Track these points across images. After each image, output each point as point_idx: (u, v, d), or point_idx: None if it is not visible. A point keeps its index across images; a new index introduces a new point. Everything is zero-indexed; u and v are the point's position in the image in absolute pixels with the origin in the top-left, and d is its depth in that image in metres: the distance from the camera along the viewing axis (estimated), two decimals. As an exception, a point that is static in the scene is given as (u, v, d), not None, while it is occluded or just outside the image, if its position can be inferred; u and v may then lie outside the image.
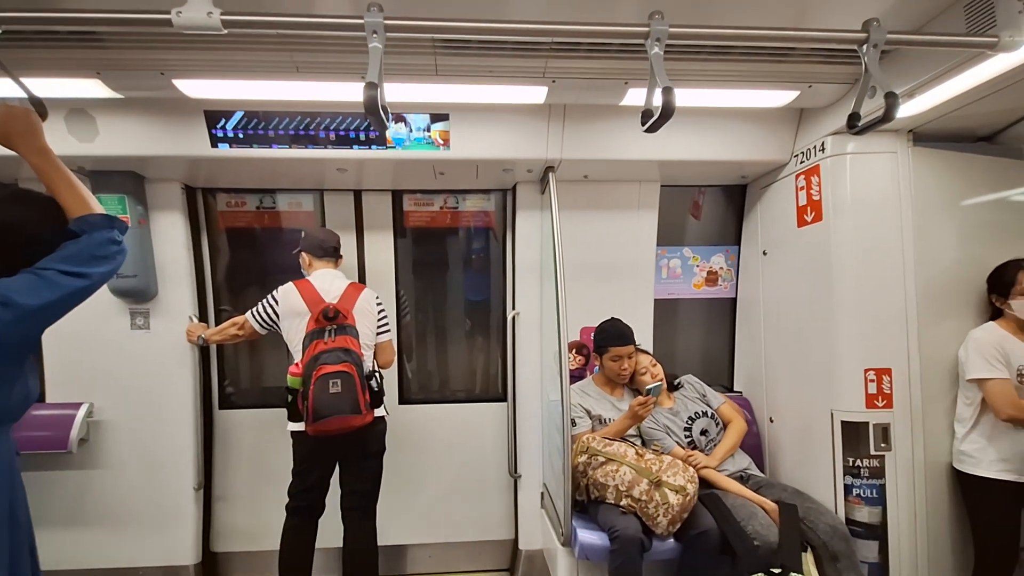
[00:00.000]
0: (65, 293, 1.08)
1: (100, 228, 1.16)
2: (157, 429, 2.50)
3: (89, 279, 1.12)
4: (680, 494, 1.89)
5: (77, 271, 1.10)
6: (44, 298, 1.05)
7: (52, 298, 1.06)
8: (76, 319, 2.35)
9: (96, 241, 1.14)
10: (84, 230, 1.15)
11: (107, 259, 1.16)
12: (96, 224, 1.16)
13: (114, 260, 1.18)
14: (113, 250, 1.18)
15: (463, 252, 2.94)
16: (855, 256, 2.09)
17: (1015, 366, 1.92)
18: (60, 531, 2.47)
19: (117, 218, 1.21)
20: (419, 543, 2.77)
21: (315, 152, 2.18)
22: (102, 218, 1.18)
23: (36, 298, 1.04)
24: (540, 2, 1.51)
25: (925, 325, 2.08)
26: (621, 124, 2.21)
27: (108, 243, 1.16)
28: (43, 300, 1.05)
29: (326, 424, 1.96)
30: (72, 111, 2.05)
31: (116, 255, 1.19)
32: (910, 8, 1.56)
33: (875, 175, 2.10)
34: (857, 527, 2.06)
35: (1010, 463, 1.92)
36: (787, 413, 2.43)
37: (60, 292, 1.07)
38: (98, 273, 1.14)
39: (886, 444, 2.05)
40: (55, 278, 1.07)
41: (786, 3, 1.55)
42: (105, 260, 1.16)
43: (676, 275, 2.85)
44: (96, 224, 1.16)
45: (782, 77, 1.91)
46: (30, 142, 1.16)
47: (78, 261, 1.11)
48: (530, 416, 2.66)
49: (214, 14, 1.19)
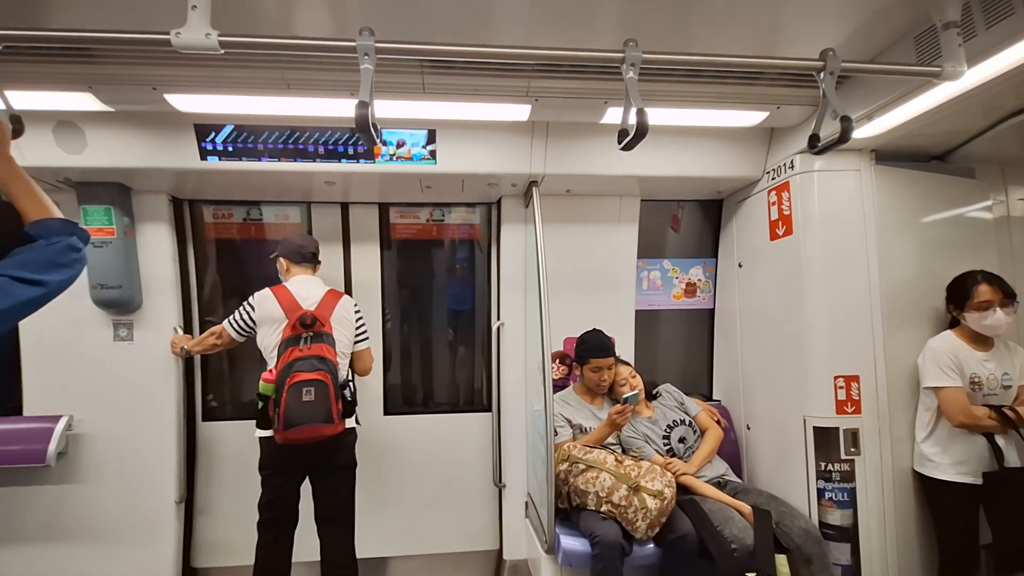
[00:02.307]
0: (18, 302, 0.99)
1: (59, 233, 1.09)
2: (139, 442, 2.47)
3: (45, 287, 1.03)
4: (658, 498, 1.94)
5: (32, 279, 1.01)
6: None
7: (3, 307, 0.97)
8: (57, 329, 2.40)
9: (55, 248, 1.07)
10: (42, 235, 1.07)
11: (65, 267, 1.08)
12: (55, 229, 1.09)
13: (73, 268, 1.10)
14: (73, 257, 1.10)
15: (449, 264, 2.99)
16: (824, 268, 2.20)
17: (968, 374, 2.01)
18: (37, 547, 2.42)
19: (78, 224, 1.14)
20: (404, 555, 2.77)
21: (304, 165, 2.23)
22: (62, 223, 1.11)
23: None
24: (523, 26, 1.59)
25: (890, 333, 2.18)
26: (602, 141, 2.30)
27: (68, 250, 1.09)
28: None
29: (297, 432, 1.94)
30: (60, 123, 2.07)
31: (75, 263, 1.11)
32: (868, 38, 1.69)
33: (841, 191, 2.21)
34: (830, 530, 2.12)
35: (967, 466, 1.99)
36: (763, 420, 2.51)
37: (12, 300, 0.98)
38: (55, 281, 1.05)
39: (855, 448, 2.13)
40: (7, 286, 0.98)
41: (756, 32, 1.66)
42: (63, 268, 1.07)
43: (656, 287, 2.94)
44: (55, 229, 1.09)
45: (752, 99, 2.02)
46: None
47: (34, 268, 1.02)
48: (515, 426, 2.69)
49: (212, 35, 1.23)
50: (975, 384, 2.01)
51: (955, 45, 1.44)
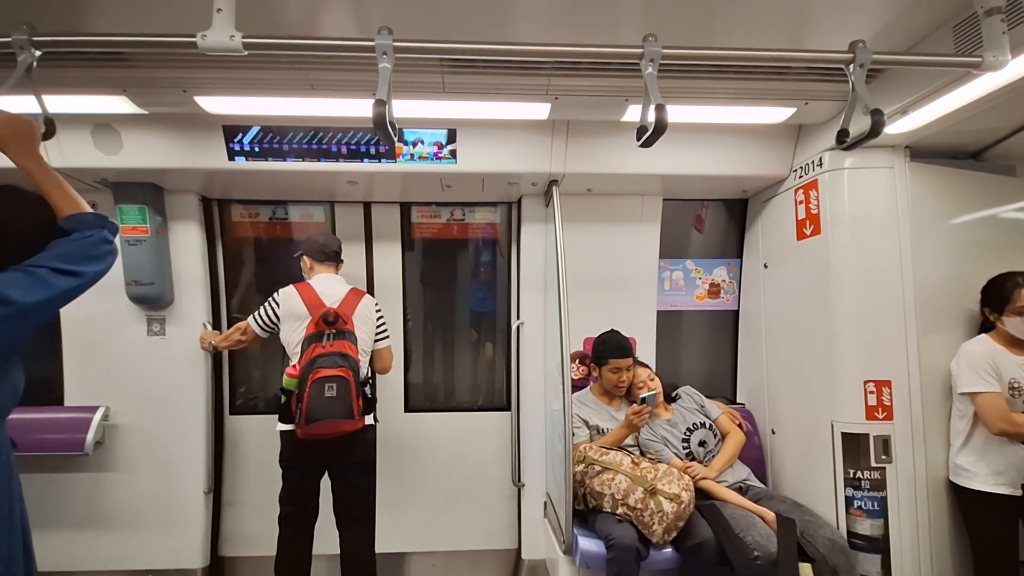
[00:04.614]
0: (58, 292, 1.07)
1: (93, 227, 1.16)
2: (170, 433, 2.56)
3: (82, 278, 1.10)
4: (675, 502, 1.91)
5: (70, 269, 1.08)
6: (37, 296, 1.03)
7: (45, 296, 1.05)
8: (95, 324, 2.49)
9: (90, 240, 1.13)
10: (76, 228, 1.14)
11: (99, 258, 1.15)
12: (89, 223, 1.16)
13: (105, 260, 1.17)
14: (105, 250, 1.17)
15: (469, 263, 3.00)
16: (853, 269, 2.12)
17: (1007, 380, 1.92)
18: (73, 532, 2.53)
19: (108, 218, 1.21)
20: (422, 551, 2.79)
21: (327, 165, 2.27)
22: (95, 217, 1.18)
23: (30, 296, 1.02)
24: (542, 23, 1.59)
25: (924, 337, 2.09)
26: (623, 139, 2.27)
27: (101, 242, 1.16)
28: (36, 298, 1.03)
29: (317, 427, 1.98)
30: (98, 125, 2.16)
31: (107, 255, 1.18)
32: (903, 29, 1.61)
33: (872, 189, 2.13)
34: (859, 540, 2.05)
35: (1004, 476, 1.91)
36: (789, 425, 2.44)
37: (53, 291, 1.06)
38: (91, 272, 1.12)
39: (887, 456, 2.05)
40: (48, 277, 1.05)
41: (783, 24, 1.60)
42: (98, 259, 1.15)
43: (679, 287, 2.89)
44: (89, 223, 1.16)
45: (779, 95, 1.97)
46: (23, 147, 1.15)
47: (71, 260, 1.10)
48: (534, 425, 2.69)
49: (236, 37, 1.27)
50: (1015, 390, 1.91)
51: (998, 33, 1.36)
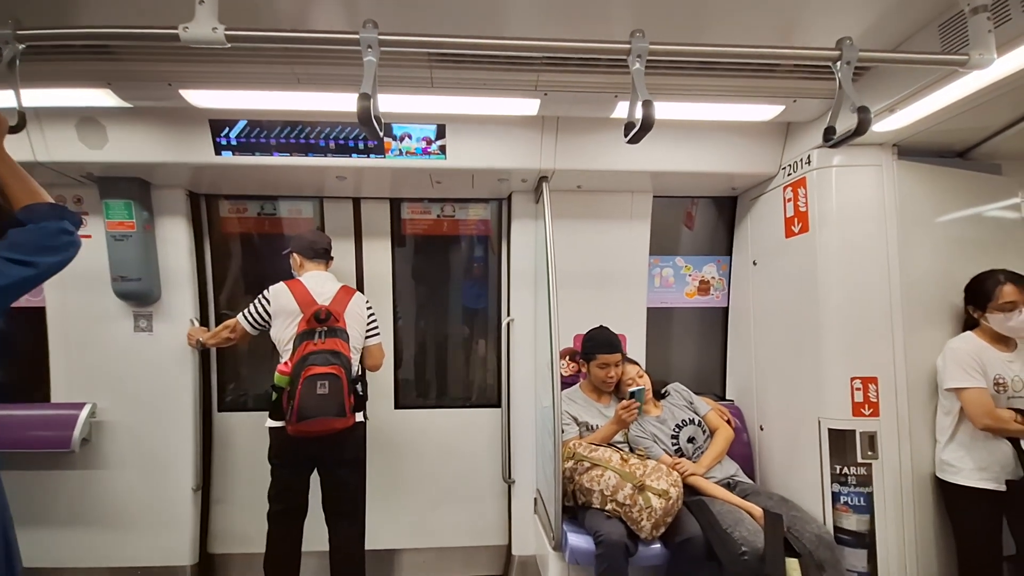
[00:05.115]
0: (10, 281, 1.05)
1: (48, 218, 1.14)
2: (157, 430, 2.54)
3: (36, 268, 1.09)
4: (663, 498, 1.91)
5: (23, 259, 1.07)
6: None
7: None
8: (82, 321, 2.46)
9: (45, 231, 1.12)
10: (31, 220, 1.12)
11: (57, 249, 1.13)
12: (43, 213, 1.14)
13: (66, 251, 1.15)
14: (65, 240, 1.15)
15: (459, 260, 2.99)
16: (841, 266, 2.13)
17: (991, 376, 1.94)
18: (60, 529, 2.50)
19: (67, 209, 1.19)
20: (413, 548, 2.79)
21: (315, 160, 2.25)
22: (50, 207, 1.16)
23: None
24: (532, 18, 1.58)
25: (911, 335, 2.10)
26: (612, 136, 2.27)
27: (59, 233, 1.14)
28: None
29: (309, 425, 1.98)
30: (83, 119, 2.13)
31: (68, 246, 1.16)
32: (890, 27, 1.62)
33: (860, 187, 2.14)
34: (846, 535, 2.07)
35: (989, 471, 1.92)
36: (776, 421, 2.45)
37: (6, 280, 1.05)
38: (46, 263, 1.11)
39: (873, 452, 2.07)
40: (1, 266, 1.05)
41: (771, 21, 1.60)
42: (55, 250, 1.13)
43: (669, 284, 2.89)
44: (43, 213, 1.14)
45: (767, 92, 1.97)
46: None
47: (25, 250, 1.08)
48: (524, 422, 2.69)
49: (219, 29, 1.26)
50: (999, 386, 1.93)
51: (984, 31, 1.37)
